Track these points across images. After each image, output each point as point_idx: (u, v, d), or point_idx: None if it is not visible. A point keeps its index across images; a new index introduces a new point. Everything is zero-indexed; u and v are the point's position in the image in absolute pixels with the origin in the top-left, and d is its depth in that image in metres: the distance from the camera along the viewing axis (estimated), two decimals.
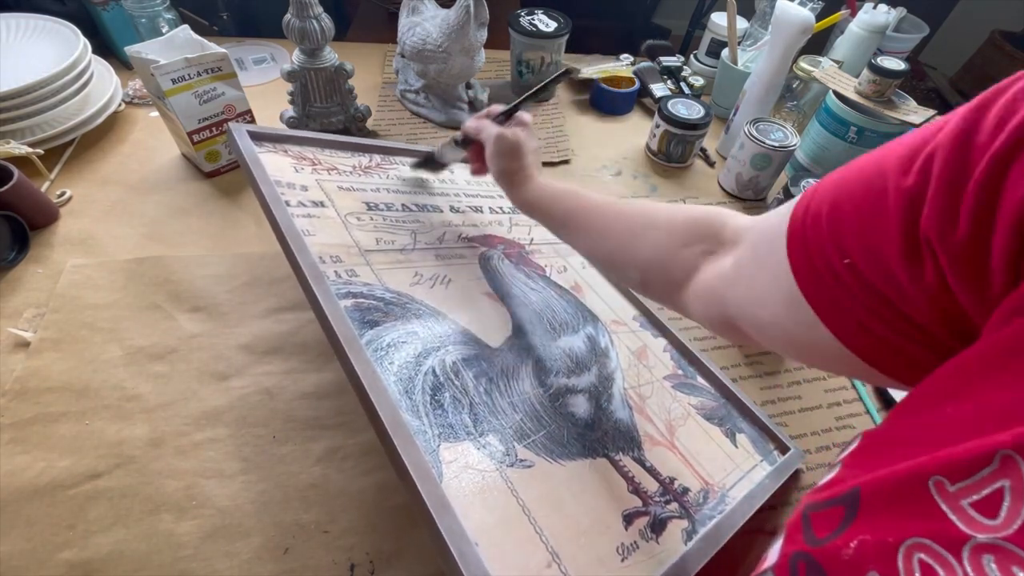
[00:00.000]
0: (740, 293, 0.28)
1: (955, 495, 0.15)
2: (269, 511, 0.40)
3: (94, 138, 0.67)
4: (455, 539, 0.26)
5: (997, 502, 0.14)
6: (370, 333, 0.36)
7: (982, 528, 0.14)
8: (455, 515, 0.27)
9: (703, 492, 0.40)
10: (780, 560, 0.20)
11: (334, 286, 0.37)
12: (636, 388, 0.46)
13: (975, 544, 0.14)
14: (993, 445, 0.14)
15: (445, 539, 0.26)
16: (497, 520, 0.30)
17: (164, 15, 0.71)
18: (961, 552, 0.14)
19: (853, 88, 0.70)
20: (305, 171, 0.48)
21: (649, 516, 0.36)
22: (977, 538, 0.14)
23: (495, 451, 0.34)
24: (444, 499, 0.28)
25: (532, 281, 0.51)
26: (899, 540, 0.15)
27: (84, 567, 0.36)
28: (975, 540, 0.14)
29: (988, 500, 0.14)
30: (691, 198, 0.76)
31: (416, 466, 0.28)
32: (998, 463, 0.14)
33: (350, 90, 0.71)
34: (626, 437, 0.41)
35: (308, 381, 0.48)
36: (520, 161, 0.45)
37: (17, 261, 0.53)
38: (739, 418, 0.49)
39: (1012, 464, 0.14)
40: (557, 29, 0.81)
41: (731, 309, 0.29)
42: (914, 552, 0.15)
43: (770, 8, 0.78)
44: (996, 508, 0.14)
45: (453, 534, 0.26)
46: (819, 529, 0.18)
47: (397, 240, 0.46)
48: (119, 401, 0.44)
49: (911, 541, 0.15)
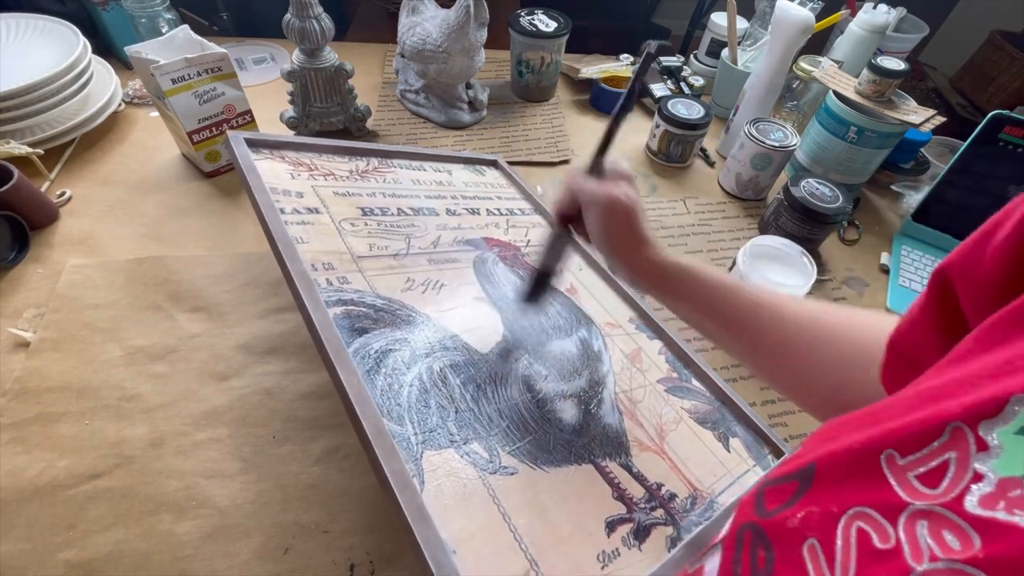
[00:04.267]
0: None
1: (903, 468, 0.15)
2: (269, 511, 0.40)
3: (94, 138, 0.67)
4: (432, 549, 0.27)
5: (942, 473, 0.14)
6: (358, 341, 0.36)
7: (922, 496, 0.14)
8: (433, 525, 0.28)
9: (690, 498, 0.40)
10: (729, 532, 0.20)
11: (324, 294, 0.38)
12: (628, 392, 0.46)
13: (912, 511, 0.14)
14: (943, 416, 0.15)
15: (422, 549, 0.27)
16: (477, 528, 0.30)
17: (164, 15, 0.71)
18: (898, 519, 0.14)
19: (853, 88, 0.70)
20: (301, 177, 0.48)
21: (633, 523, 0.36)
22: (915, 505, 0.14)
23: (478, 458, 0.34)
24: (423, 509, 0.28)
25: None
26: (842, 510, 0.16)
27: (84, 567, 0.36)
28: (913, 507, 0.14)
29: (933, 472, 0.14)
30: (691, 198, 0.76)
31: (396, 476, 0.29)
32: (948, 435, 0.14)
33: (350, 90, 0.71)
34: (614, 442, 0.41)
35: (308, 381, 0.48)
36: (637, 228, 0.37)
37: (17, 261, 0.53)
38: (733, 422, 0.48)
39: (961, 435, 0.14)
40: (557, 29, 0.81)
41: None
42: (854, 521, 0.15)
43: (770, 8, 0.78)
44: (940, 479, 0.14)
45: (430, 544, 0.27)
46: (770, 502, 0.19)
47: (391, 245, 0.46)
48: (119, 401, 0.44)
49: (853, 510, 0.16)
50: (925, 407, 0.16)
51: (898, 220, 0.77)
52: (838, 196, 0.64)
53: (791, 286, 0.56)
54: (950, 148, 0.86)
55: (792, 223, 0.65)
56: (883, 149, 0.71)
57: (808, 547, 0.16)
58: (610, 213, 0.36)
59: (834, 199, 0.64)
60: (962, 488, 0.14)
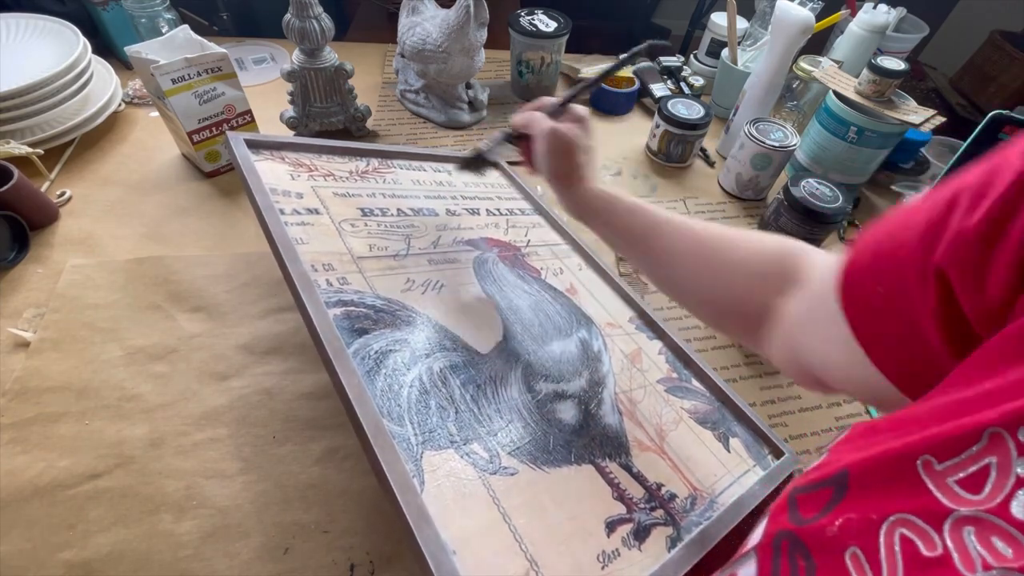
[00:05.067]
0: (809, 334, 0.27)
1: (942, 473, 0.15)
2: (269, 511, 0.40)
3: (94, 138, 0.67)
4: (432, 549, 0.27)
5: (983, 478, 0.14)
6: (358, 342, 0.36)
7: (965, 503, 0.14)
8: (433, 525, 0.28)
9: (690, 498, 0.40)
10: (763, 539, 0.20)
11: (324, 295, 0.38)
12: (627, 392, 0.45)
13: (957, 517, 0.14)
14: (981, 423, 0.14)
15: (422, 549, 0.27)
16: (477, 529, 0.30)
17: (164, 15, 0.71)
18: (943, 525, 0.14)
19: (853, 88, 0.70)
20: (301, 178, 0.48)
21: (633, 523, 0.36)
22: (960, 511, 0.14)
23: (479, 459, 0.34)
24: (423, 509, 0.28)
25: (526, 285, 0.50)
26: (883, 517, 0.15)
27: (84, 567, 0.36)
28: (957, 513, 0.14)
29: (974, 477, 0.14)
30: (691, 198, 0.76)
31: (396, 477, 0.29)
32: (986, 440, 0.14)
33: (350, 90, 0.71)
34: (614, 443, 0.41)
35: (308, 381, 0.48)
36: (574, 159, 0.41)
37: (17, 261, 0.53)
38: (733, 422, 0.48)
39: (1000, 440, 0.14)
40: (557, 29, 0.81)
41: (803, 354, 0.28)
42: (896, 528, 0.15)
43: (770, 8, 0.78)
44: (981, 484, 0.14)
45: (430, 544, 0.27)
46: (805, 510, 0.18)
47: (391, 246, 0.46)
48: (119, 401, 0.44)
49: (894, 517, 0.15)
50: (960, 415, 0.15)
51: None
52: (838, 196, 0.64)
53: None
54: (950, 148, 0.86)
55: (792, 223, 0.65)
56: (883, 149, 0.71)
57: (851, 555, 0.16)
58: (551, 143, 0.41)
59: (834, 199, 0.64)
60: (1007, 493, 0.13)
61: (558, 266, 0.56)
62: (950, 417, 0.16)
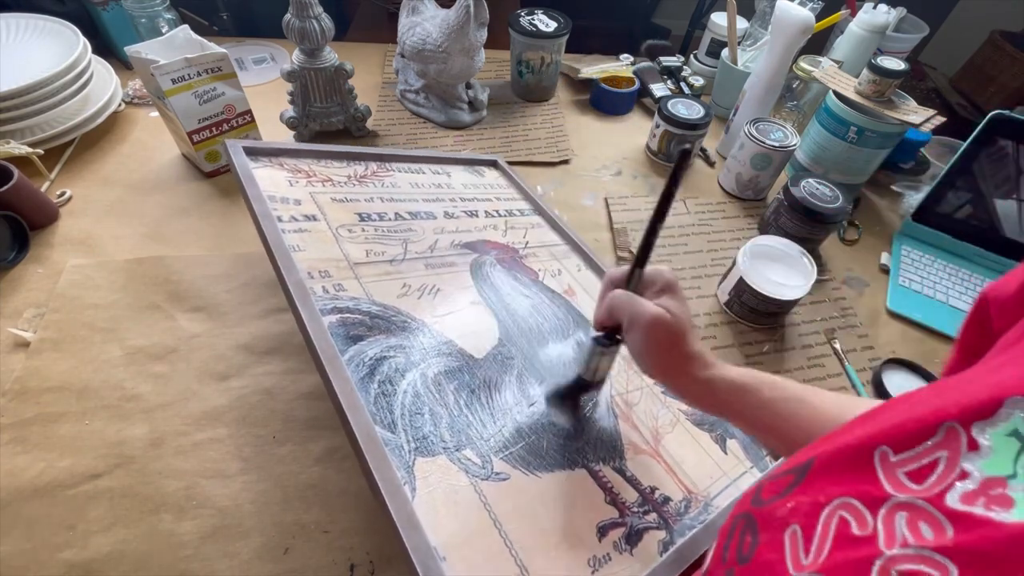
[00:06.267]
0: None
1: (895, 464, 0.16)
2: (269, 511, 0.40)
3: (94, 138, 0.67)
4: (421, 555, 0.27)
5: (930, 470, 0.15)
6: (353, 349, 0.36)
7: (906, 490, 0.15)
8: (423, 531, 0.28)
9: (685, 501, 0.40)
10: (727, 521, 0.21)
11: (320, 302, 0.38)
12: (623, 395, 0.45)
13: (894, 503, 0.15)
14: (940, 416, 0.15)
15: (411, 555, 0.27)
16: (468, 534, 0.31)
17: (164, 15, 0.71)
18: (879, 509, 0.15)
19: (853, 88, 0.70)
20: (299, 184, 0.48)
21: (625, 527, 0.36)
22: (897, 497, 0.15)
23: (471, 465, 0.34)
24: (413, 516, 0.29)
25: (524, 287, 0.50)
26: (828, 499, 0.17)
27: (84, 567, 0.36)
28: (895, 499, 0.15)
29: (923, 469, 0.15)
30: (691, 198, 0.76)
31: (386, 483, 0.29)
32: (942, 435, 0.15)
33: (350, 90, 0.71)
34: (608, 446, 0.40)
35: (308, 381, 0.48)
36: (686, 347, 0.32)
37: (17, 261, 0.53)
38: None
39: (954, 435, 0.15)
40: (557, 29, 0.81)
41: None
42: (838, 511, 0.16)
43: (770, 8, 0.78)
44: (927, 475, 0.15)
45: (419, 551, 0.27)
46: (766, 493, 0.20)
47: (388, 251, 0.46)
48: (119, 401, 0.44)
49: (839, 501, 0.16)
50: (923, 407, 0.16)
51: (898, 220, 0.77)
52: (838, 196, 0.64)
53: (791, 286, 0.56)
54: (950, 148, 0.86)
55: (792, 223, 0.65)
56: (883, 149, 0.71)
57: (790, 532, 0.17)
58: (652, 334, 0.31)
59: (834, 199, 0.64)
60: (947, 485, 0.14)
61: (556, 267, 0.56)
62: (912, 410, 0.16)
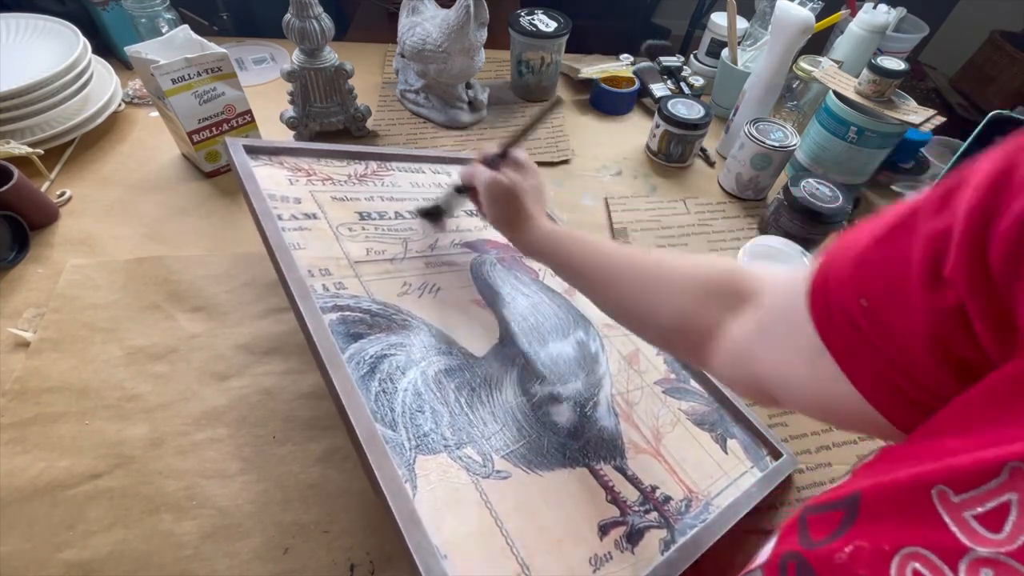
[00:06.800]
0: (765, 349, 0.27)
1: (958, 506, 0.14)
2: (269, 511, 0.40)
3: (94, 138, 0.67)
4: (422, 554, 0.27)
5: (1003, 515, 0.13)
6: (353, 347, 0.36)
7: (984, 541, 0.13)
8: (424, 530, 0.28)
9: (685, 501, 0.40)
10: (771, 559, 0.19)
11: (320, 300, 0.38)
12: (624, 394, 0.45)
13: (975, 557, 0.13)
14: (1001, 457, 0.14)
15: (412, 553, 0.27)
16: (469, 532, 0.31)
17: (164, 15, 0.71)
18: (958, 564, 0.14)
19: (853, 88, 0.70)
20: (300, 183, 0.48)
21: (626, 526, 0.36)
22: (977, 551, 0.13)
23: (472, 463, 0.34)
24: (415, 514, 0.29)
25: (524, 286, 0.50)
26: (895, 548, 0.15)
27: (84, 567, 0.36)
28: (975, 553, 0.13)
29: (993, 513, 0.14)
30: (691, 198, 0.76)
31: (388, 481, 0.29)
32: (1007, 475, 0.14)
33: (350, 90, 0.71)
34: (609, 445, 0.41)
35: (308, 381, 0.48)
36: (516, 205, 0.43)
37: (17, 261, 0.53)
38: (732, 423, 0.48)
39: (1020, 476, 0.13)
40: (557, 29, 0.81)
41: (758, 367, 0.27)
42: (909, 561, 0.14)
43: (770, 8, 0.78)
44: (1001, 522, 0.13)
45: (420, 549, 0.27)
46: (815, 532, 0.18)
47: (388, 249, 0.46)
48: (119, 401, 0.44)
49: (907, 550, 0.15)
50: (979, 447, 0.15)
51: None
52: (838, 196, 0.64)
53: None
54: (950, 148, 0.86)
55: (792, 223, 0.65)
56: (883, 149, 0.71)
57: None
58: (491, 193, 0.43)
59: (834, 199, 0.64)
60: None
61: None
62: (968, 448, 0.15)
